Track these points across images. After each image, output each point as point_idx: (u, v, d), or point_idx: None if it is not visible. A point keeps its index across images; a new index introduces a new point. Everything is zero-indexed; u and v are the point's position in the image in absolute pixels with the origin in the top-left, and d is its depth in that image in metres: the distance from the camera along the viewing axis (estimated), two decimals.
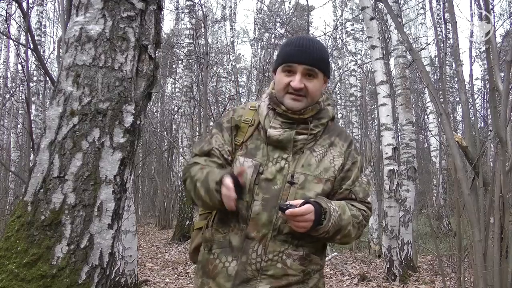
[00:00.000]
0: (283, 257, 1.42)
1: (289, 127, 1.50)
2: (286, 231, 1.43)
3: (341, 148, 1.54)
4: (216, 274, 1.45)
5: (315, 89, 1.49)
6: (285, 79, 1.49)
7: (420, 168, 12.45)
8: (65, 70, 1.36)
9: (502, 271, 2.78)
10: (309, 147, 1.51)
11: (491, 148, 5.49)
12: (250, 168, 1.47)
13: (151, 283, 5.53)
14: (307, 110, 1.50)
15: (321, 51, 1.51)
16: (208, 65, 8.24)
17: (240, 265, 1.42)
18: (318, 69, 1.49)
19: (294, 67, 1.48)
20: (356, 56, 12.44)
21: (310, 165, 1.48)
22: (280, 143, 1.48)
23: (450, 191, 10.15)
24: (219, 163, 1.52)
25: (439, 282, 5.19)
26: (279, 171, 1.46)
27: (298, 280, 1.44)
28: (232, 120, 1.57)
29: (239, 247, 1.44)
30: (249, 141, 1.53)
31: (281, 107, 1.50)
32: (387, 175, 5.72)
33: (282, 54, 1.53)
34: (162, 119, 16.09)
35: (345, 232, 1.44)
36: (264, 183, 1.45)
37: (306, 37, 1.59)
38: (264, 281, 1.41)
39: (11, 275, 1.22)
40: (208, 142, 1.57)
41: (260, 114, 1.54)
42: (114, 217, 1.36)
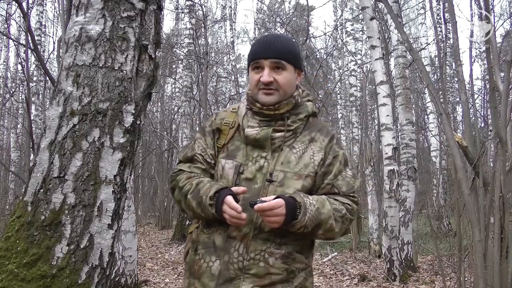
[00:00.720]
0: (265, 255, 1.43)
1: (266, 125, 1.51)
2: (267, 229, 1.43)
3: (321, 143, 1.54)
4: (201, 274, 1.46)
5: (286, 81, 1.51)
6: (255, 76, 1.52)
7: (420, 168, 12.44)
8: (65, 70, 1.36)
9: (502, 271, 2.78)
10: (288, 144, 1.52)
11: (491, 148, 5.49)
12: (230, 169, 1.49)
13: (151, 283, 5.53)
14: (282, 105, 1.51)
15: (286, 44, 1.53)
16: (208, 65, 8.23)
17: (223, 264, 1.43)
18: (286, 61, 1.50)
19: (261, 62, 1.50)
20: (356, 56, 12.44)
21: (289, 162, 1.49)
22: (258, 142, 1.50)
23: (450, 191, 10.15)
24: (202, 168, 1.55)
25: (439, 282, 5.19)
26: (258, 170, 1.48)
27: (281, 279, 1.44)
28: (213, 123, 1.60)
29: (222, 246, 1.45)
30: (230, 143, 1.55)
31: (256, 105, 1.52)
32: (387, 175, 5.72)
33: (249, 54, 1.55)
34: (162, 119, 16.08)
35: (327, 227, 1.42)
36: (244, 183, 1.46)
37: (272, 34, 1.64)
38: (247, 280, 1.42)
39: (11, 275, 1.22)
40: (191, 148, 1.59)
41: (239, 115, 1.57)
42: (114, 217, 1.36)
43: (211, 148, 1.57)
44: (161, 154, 13.24)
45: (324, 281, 5.72)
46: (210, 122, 1.62)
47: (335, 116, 17.14)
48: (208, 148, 1.57)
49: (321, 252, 7.86)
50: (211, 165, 1.55)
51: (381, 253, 6.53)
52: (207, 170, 1.55)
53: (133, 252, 5.01)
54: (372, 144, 8.47)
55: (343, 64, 15.64)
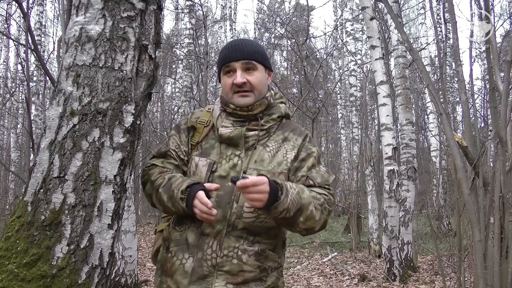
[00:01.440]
0: (239, 252, 1.43)
1: (240, 125, 1.53)
2: (240, 226, 1.44)
3: (295, 142, 1.57)
4: (173, 272, 1.46)
5: (258, 81, 1.54)
6: (228, 80, 1.54)
7: (420, 168, 12.44)
8: (65, 70, 1.36)
9: (502, 271, 2.78)
10: (262, 143, 1.53)
11: (491, 148, 5.48)
12: (204, 167, 1.50)
13: (151, 283, 5.53)
14: (255, 106, 1.53)
15: (254, 46, 1.57)
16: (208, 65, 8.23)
17: (196, 261, 1.43)
18: (256, 61, 1.54)
19: (232, 65, 1.53)
20: (356, 56, 12.44)
21: (263, 161, 1.50)
22: (232, 140, 1.51)
23: (450, 191, 10.15)
24: (175, 164, 1.57)
25: (439, 282, 5.19)
26: (232, 168, 1.49)
27: (254, 277, 1.44)
28: (188, 121, 1.62)
29: (195, 243, 1.45)
30: (204, 141, 1.57)
31: (230, 106, 1.54)
32: (387, 175, 5.73)
33: (219, 59, 1.58)
34: (162, 119, 16.08)
35: (308, 213, 1.39)
36: (218, 181, 1.47)
37: (238, 38, 1.68)
38: (221, 277, 1.42)
39: (11, 275, 1.22)
40: (165, 144, 1.62)
41: (213, 116, 1.59)
42: (114, 217, 1.36)
43: (185, 145, 1.59)
44: None
45: (324, 281, 5.72)
46: (186, 120, 1.64)
47: (335, 116, 17.15)
48: (182, 145, 1.59)
49: (321, 252, 7.87)
50: (184, 161, 1.57)
51: (381, 253, 6.53)
52: (180, 166, 1.57)
53: (133, 252, 5.01)
54: (372, 144, 8.47)
55: (343, 64, 15.65)
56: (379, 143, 7.53)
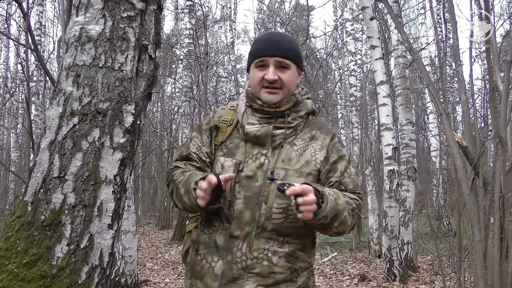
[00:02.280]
0: (269, 254, 1.41)
1: (266, 122, 1.50)
2: (270, 228, 1.42)
3: (323, 141, 1.54)
4: (203, 275, 1.45)
5: (289, 80, 1.50)
6: (259, 73, 1.50)
7: (420, 168, 12.45)
8: (65, 70, 1.36)
9: (502, 271, 2.78)
10: (289, 141, 1.51)
11: (491, 148, 5.48)
12: (230, 167, 1.47)
13: (151, 283, 5.53)
14: (283, 103, 1.50)
15: (290, 43, 1.52)
16: (208, 65, 8.23)
17: (225, 264, 1.42)
18: (290, 60, 1.50)
19: (266, 60, 1.49)
20: (356, 56, 12.45)
21: (290, 160, 1.47)
22: (258, 139, 1.48)
23: (450, 191, 10.15)
24: (197, 166, 1.54)
25: (439, 282, 5.19)
26: (259, 168, 1.46)
27: (285, 278, 1.43)
28: (211, 121, 1.58)
29: (224, 246, 1.43)
30: (228, 140, 1.53)
31: (257, 102, 1.51)
32: (387, 175, 5.73)
33: (253, 51, 1.54)
34: (162, 119, 16.09)
35: (342, 218, 1.41)
36: (245, 181, 1.45)
37: (275, 32, 1.63)
38: (251, 280, 1.40)
39: (11, 275, 1.22)
40: (186, 147, 1.59)
41: (238, 112, 1.55)
42: (114, 217, 1.36)
43: (207, 146, 1.55)
44: (161, 154, 13.24)
45: (324, 281, 5.72)
46: (208, 119, 1.60)
47: (335, 116, 17.14)
48: (204, 146, 1.55)
49: (321, 252, 7.86)
50: (206, 163, 1.54)
51: (381, 253, 6.53)
52: (203, 168, 1.54)
53: (133, 252, 5.01)
54: (372, 144, 8.47)
55: (343, 64, 15.65)
56: (379, 143, 7.53)
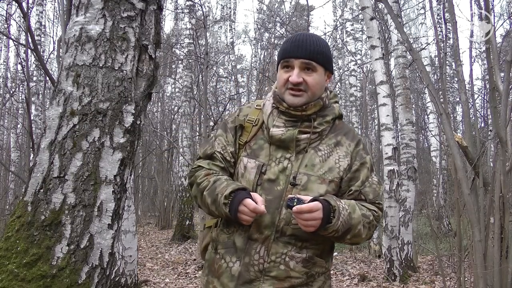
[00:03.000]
0: (286, 259, 1.41)
1: (292, 126, 1.48)
2: (289, 233, 1.41)
3: (348, 148, 1.51)
4: (220, 274, 1.45)
5: (315, 83, 1.47)
6: (284, 75, 1.48)
7: (420, 168, 12.45)
8: (65, 70, 1.36)
9: (502, 271, 2.78)
10: (313, 146, 1.48)
11: (491, 148, 5.49)
12: (253, 169, 1.46)
13: (151, 283, 5.53)
14: (309, 106, 1.48)
15: (318, 45, 1.48)
16: (208, 65, 8.23)
17: (243, 266, 1.42)
18: (316, 62, 1.46)
19: (291, 61, 1.47)
20: (356, 56, 12.44)
21: (314, 165, 1.45)
22: (283, 143, 1.46)
23: (450, 191, 10.15)
24: (221, 166, 1.52)
25: (439, 282, 5.19)
26: (282, 172, 1.44)
27: (301, 283, 1.43)
28: (236, 120, 1.56)
29: (242, 248, 1.43)
30: (252, 141, 1.52)
31: (283, 105, 1.49)
32: (387, 175, 5.73)
33: (280, 52, 1.52)
34: (162, 119, 16.08)
35: (355, 232, 1.40)
36: (266, 184, 1.44)
37: (304, 33, 1.57)
38: (267, 282, 1.41)
39: (11, 275, 1.22)
40: (211, 145, 1.56)
41: (264, 113, 1.53)
42: (114, 217, 1.36)
43: (231, 145, 1.54)
44: (161, 154, 13.24)
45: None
46: (233, 118, 1.58)
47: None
48: (229, 146, 1.53)
49: None
50: (230, 163, 1.53)
51: (381, 253, 6.53)
52: (226, 168, 1.52)
53: (133, 252, 5.01)
54: (372, 144, 8.47)
55: (343, 64, 15.64)
56: (379, 143, 7.53)
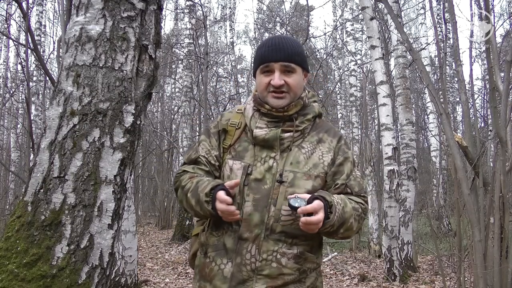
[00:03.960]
0: (278, 256, 1.42)
1: (274, 126, 1.51)
2: (279, 230, 1.43)
3: (330, 144, 1.56)
4: (212, 277, 1.46)
5: (296, 83, 1.51)
6: (265, 79, 1.51)
7: (420, 168, 12.45)
8: (65, 70, 1.36)
9: (502, 271, 2.78)
10: (297, 144, 1.52)
11: (491, 148, 5.49)
12: (239, 170, 1.48)
13: (151, 283, 5.53)
14: (291, 107, 1.52)
15: (294, 46, 1.53)
16: (208, 65, 8.23)
17: (235, 266, 1.43)
18: (295, 64, 1.51)
19: (271, 65, 1.50)
20: (356, 56, 12.43)
21: (298, 162, 1.49)
22: (267, 142, 1.49)
23: (450, 191, 10.15)
24: (206, 170, 1.54)
25: (439, 282, 5.19)
26: (268, 170, 1.47)
27: (294, 279, 1.44)
28: (219, 124, 1.60)
29: (233, 248, 1.44)
30: (236, 143, 1.55)
31: (265, 107, 1.52)
32: (387, 175, 5.73)
33: (258, 57, 1.54)
34: (162, 119, 16.09)
35: (348, 225, 1.44)
36: (254, 184, 1.46)
37: (279, 35, 1.61)
38: (260, 281, 1.41)
39: (11, 275, 1.22)
40: (195, 150, 1.59)
41: (246, 116, 1.56)
42: (114, 217, 1.36)
43: (215, 149, 1.56)
44: (161, 154, 13.24)
45: (324, 281, 5.72)
46: (216, 123, 1.61)
47: (335, 116, 17.13)
48: (213, 150, 1.56)
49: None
50: (215, 167, 1.55)
51: (381, 253, 6.53)
52: (211, 172, 1.55)
53: (133, 252, 5.01)
54: (372, 144, 8.47)
55: (343, 64, 15.64)
56: (379, 143, 7.53)
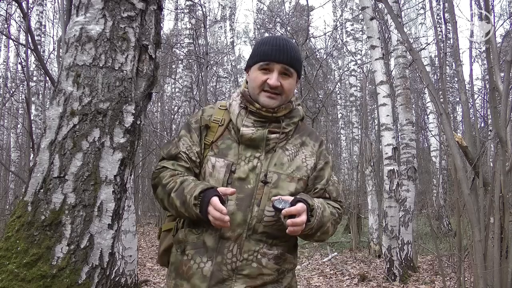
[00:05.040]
0: (258, 256, 1.43)
1: (261, 126, 1.51)
2: (260, 230, 1.43)
3: (313, 148, 1.57)
4: (191, 275, 1.44)
5: (290, 87, 1.52)
6: (262, 76, 1.50)
7: (420, 168, 12.44)
8: (65, 70, 1.36)
9: (502, 271, 2.78)
10: (281, 146, 1.52)
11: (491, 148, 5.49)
12: (222, 168, 1.47)
13: (151, 283, 5.54)
14: (280, 109, 1.52)
15: (296, 51, 1.54)
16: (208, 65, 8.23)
17: (215, 265, 1.42)
18: (293, 69, 1.52)
19: (272, 65, 1.49)
20: (356, 56, 12.44)
21: (282, 164, 1.49)
22: (253, 142, 1.49)
23: (450, 191, 10.15)
24: (186, 166, 1.52)
25: (439, 282, 5.19)
26: (251, 170, 1.47)
27: (272, 280, 1.45)
28: (201, 119, 1.57)
29: (214, 247, 1.43)
30: (219, 141, 1.53)
31: (255, 105, 1.51)
32: (387, 175, 5.73)
33: (259, 53, 1.53)
34: (162, 119, 16.07)
35: (325, 229, 1.46)
36: (237, 183, 1.45)
37: (282, 37, 1.61)
38: (240, 281, 1.41)
39: (11, 275, 1.22)
40: (175, 146, 1.56)
41: (232, 113, 1.55)
42: (114, 217, 1.36)
43: (196, 145, 1.54)
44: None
45: (324, 281, 5.72)
46: (197, 118, 1.58)
47: (335, 116, 17.14)
48: (194, 146, 1.54)
49: (321, 252, 7.86)
50: (195, 163, 1.53)
51: (381, 253, 6.53)
52: (191, 168, 1.52)
53: (133, 252, 5.01)
54: (372, 144, 8.47)
55: (343, 64, 15.65)
56: (379, 143, 7.53)
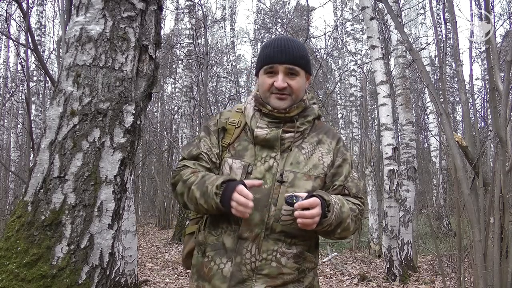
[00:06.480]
0: (277, 255, 1.43)
1: (275, 126, 1.51)
2: (278, 229, 1.43)
3: (329, 146, 1.57)
4: (211, 277, 1.45)
5: (298, 87, 1.52)
6: (268, 80, 1.52)
7: (420, 168, 12.45)
8: (66, 70, 1.36)
9: (502, 271, 2.78)
10: (297, 144, 1.53)
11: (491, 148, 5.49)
12: (239, 169, 1.48)
13: (151, 283, 5.53)
14: (293, 108, 1.52)
15: (299, 49, 1.53)
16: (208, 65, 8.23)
17: (234, 266, 1.43)
18: (299, 67, 1.51)
19: (275, 67, 1.50)
20: (356, 56, 12.44)
21: (298, 163, 1.49)
22: (268, 142, 1.50)
23: (450, 191, 10.15)
24: (207, 167, 1.53)
25: (439, 282, 5.19)
26: (268, 170, 1.47)
27: (293, 279, 1.45)
28: (218, 122, 1.59)
29: (233, 248, 1.44)
30: (236, 142, 1.54)
31: (267, 107, 1.52)
32: (387, 175, 5.73)
33: (262, 57, 1.54)
34: (162, 119, 16.08)
35: (345, 225, 1.44)
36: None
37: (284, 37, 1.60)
38: (260, 281, 1.41)
39: (11, 275, 1.22)
40: (196, 146, 1.57)
41: (247, 115, 1.56)
42: (114, 217, 1.36)
43: (216, 147, 1.56)
44: (161, 154, 13.24)
45: (324, 281, 5.72)
46: (215, 121, 1.60)
47: (335, 116, 17.14)
48: (214, 147, 1.55)
49: (321, 252, 7.86)
50: (216, 164, 1.54)
51: (381, 253, 6.53)
52: (212, 169, 1.54)
53: (133, 252, 5.01)
54: (372, 144, 8.47)
55: (343, 64, 15.64)
56: (379, 143, 7.53)
